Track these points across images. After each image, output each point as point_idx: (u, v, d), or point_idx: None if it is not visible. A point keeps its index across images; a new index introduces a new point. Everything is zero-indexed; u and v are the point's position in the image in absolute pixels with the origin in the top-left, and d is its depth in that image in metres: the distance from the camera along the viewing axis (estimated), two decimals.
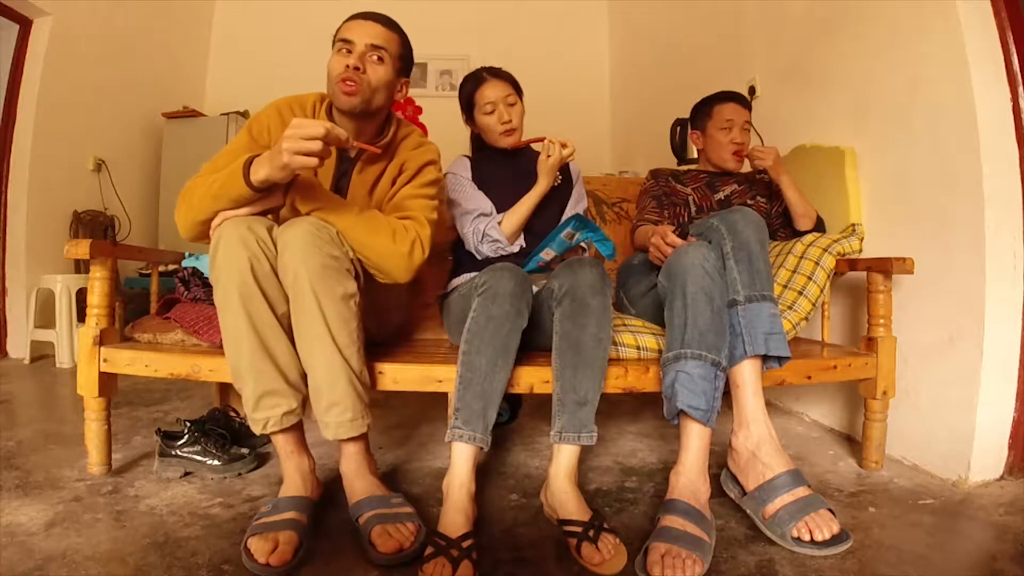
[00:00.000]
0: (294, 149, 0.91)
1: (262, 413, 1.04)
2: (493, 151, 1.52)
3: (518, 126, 1.47)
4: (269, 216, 1.09)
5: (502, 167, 1.49)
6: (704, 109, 1.68)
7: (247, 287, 0.99)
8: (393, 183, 1.22)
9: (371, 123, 1.21)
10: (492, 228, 1.39)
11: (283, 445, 1.09)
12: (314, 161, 0.92)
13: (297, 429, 1.11)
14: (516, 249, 1.42)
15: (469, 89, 1.49)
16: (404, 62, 1.21)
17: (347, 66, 1.10)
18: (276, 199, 1.05)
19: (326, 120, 1.14)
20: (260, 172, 0.98)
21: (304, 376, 1.08)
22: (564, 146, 1.37)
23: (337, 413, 1.05)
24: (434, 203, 1.22)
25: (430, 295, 1.60)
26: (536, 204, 1.41)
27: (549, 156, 1.38)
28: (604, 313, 1.09)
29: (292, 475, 1.08)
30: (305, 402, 1.09)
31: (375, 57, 1.13)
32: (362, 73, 1.11)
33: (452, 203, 1.47)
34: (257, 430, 1.05)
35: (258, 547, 0.91)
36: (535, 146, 1.46)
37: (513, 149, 1.48)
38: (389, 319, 1.36)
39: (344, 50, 1.13)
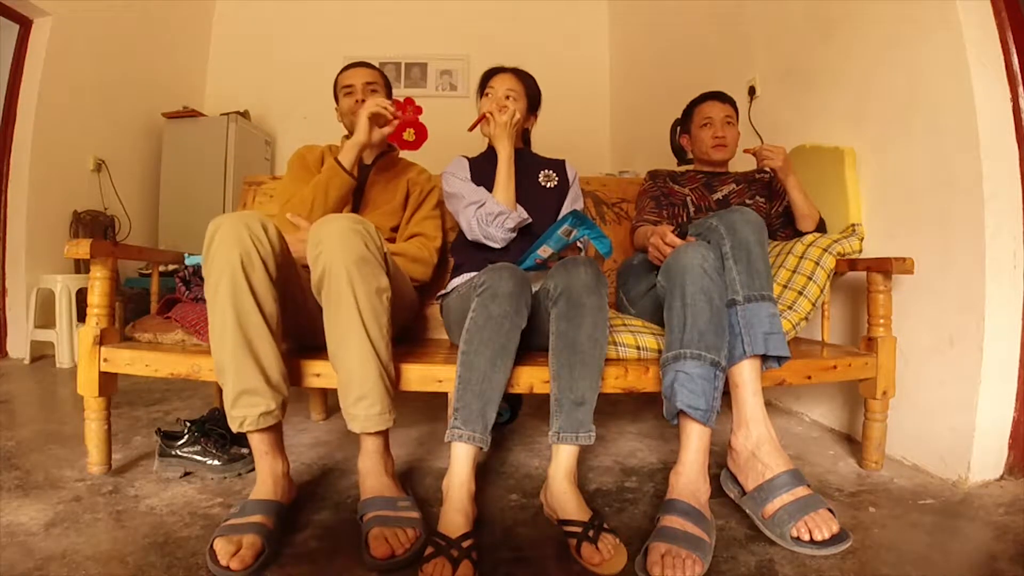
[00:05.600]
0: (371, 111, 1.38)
1: (239, 411, 1.03)
2: (492, 150, 1.52)
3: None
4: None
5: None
6: (687, 112, 1.74)
7: (236, 283, 1.00)
8: (407, 196, 1.55)
9: (379, 143, 1.51)
10: (490, 204, 1.39)
11: (257, 445, 1.08)
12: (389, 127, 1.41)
13: (274, 431, 1.10)
14: (525, 216, 1.42)
15: (484, 76, 1.54)
16: (389, 89, 1.60)
17: (356, 101, 1.50)
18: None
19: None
20: (348, 155, 1.38)
21: (286, 377, 1.08)
22: (503, 111, 1.41)
23: (366, 406, 1.05)
24: (439, 221, 1.58)
25: (430, 295, 1.60)
26: (510, 171, 1.41)
27: (493, 128, 1.42)
28: (600, 313, 1.08)
29: (264, 477, 1.07)
30: (285, 404, 1.09)
31: (371, 90, 1.53)
32: (365, 104, 1.44)
33: (453, 199, 1.46)
34: (234, 428, 1.04)
35: (222, 549, 0.90)
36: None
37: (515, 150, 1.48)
38: (399, 318, 1.38)
39: (349, 93, 1.53)
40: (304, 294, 1.23)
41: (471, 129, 1.51)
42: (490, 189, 1.43)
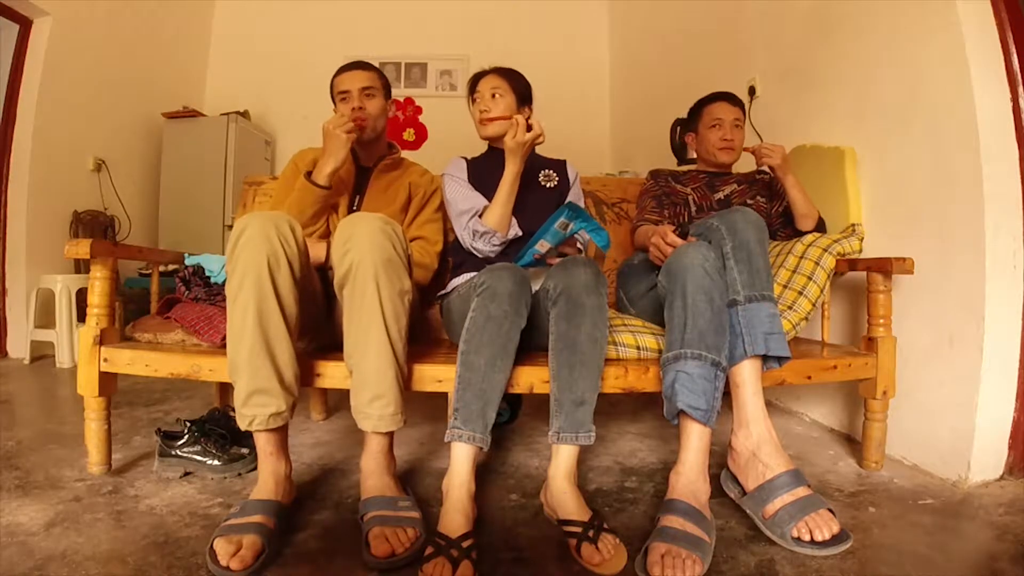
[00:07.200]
0: (343, 128, 1.31)
1: (250, 410, 1.04)
2: (491, 151, 1.52)
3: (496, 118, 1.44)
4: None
5: (500, 167, 1.49)
6: (695, 111, 1.72)
7: (261, 282, 1.00)
8: (408, 199, 1.51)
9: (379, 144, 1.52)
10: (475, 222, 1.38)
11: (263, 445, 1.08)
12: (354, 135, 1.34)
13: (281, 432, 1.10)
14: (513, 235, 1.41)
15: (471, 82, 1.52)
16: (387, 89, 1.52)
17: (352, 108, 1.42)
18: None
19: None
20: (324, 169, 1.32)
21: (298, 379, 1.08)
22: (530, 128, 1.31)
23: (381, 406, 1.06)
24: (441, 224, 1.55)
25: (430, 295, 1.60)
26: (513, 189, 1.36)
27: (514, 136, 1.31)
28: (599, 312, 1.08)
29: (266, 477, 1.07)
30: (294, 406, 1.09)
31: (367, 95, 1.45)
32: (363, 109, 1.43)
33: (449, 205, 1.47)
34: (243, 426, 1.05)
35: (222, 549, 0.90)
36: (503, 125, 1.42)
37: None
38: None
39: (344, 99, 1.45)
40: (315, 294, 1.23)
41: (490, 121, 1.45)
42: (486, 192, 1.43)
